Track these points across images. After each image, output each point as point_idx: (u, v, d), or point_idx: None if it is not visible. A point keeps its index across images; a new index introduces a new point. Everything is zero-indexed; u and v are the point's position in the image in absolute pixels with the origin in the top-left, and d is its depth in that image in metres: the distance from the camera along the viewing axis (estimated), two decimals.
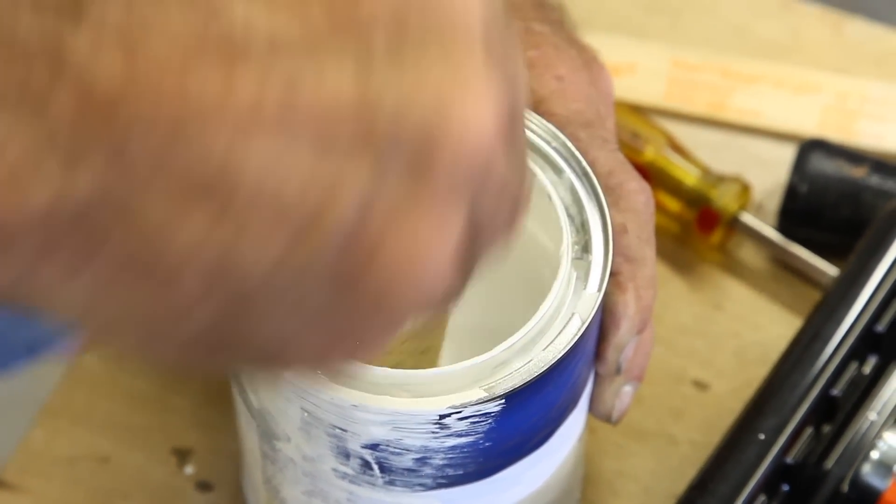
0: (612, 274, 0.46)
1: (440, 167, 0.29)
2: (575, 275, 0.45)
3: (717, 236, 0.60)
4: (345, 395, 0.42)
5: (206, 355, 0.31)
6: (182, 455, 0.56)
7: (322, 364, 0.32)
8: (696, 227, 0.60)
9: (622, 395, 0.48)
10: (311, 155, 0.28)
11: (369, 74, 0.28)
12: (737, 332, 0.60)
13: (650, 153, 0.61)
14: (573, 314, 0.44)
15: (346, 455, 0.44)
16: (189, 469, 0.56)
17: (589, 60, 0.50)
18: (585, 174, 0.46)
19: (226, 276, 0.29)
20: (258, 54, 0.28)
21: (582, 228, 0.46)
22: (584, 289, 0.44)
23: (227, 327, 0.30)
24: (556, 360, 0.43)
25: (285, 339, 0.30)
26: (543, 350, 0.43)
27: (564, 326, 0.44)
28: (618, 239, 0.47)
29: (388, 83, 0.28)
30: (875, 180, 0.60)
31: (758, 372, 0.56)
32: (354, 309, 0.30)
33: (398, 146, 0.28)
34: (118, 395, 0.57)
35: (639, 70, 0.64)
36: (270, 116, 0.28)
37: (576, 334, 0.43)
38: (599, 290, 0.44)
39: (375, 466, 0.44)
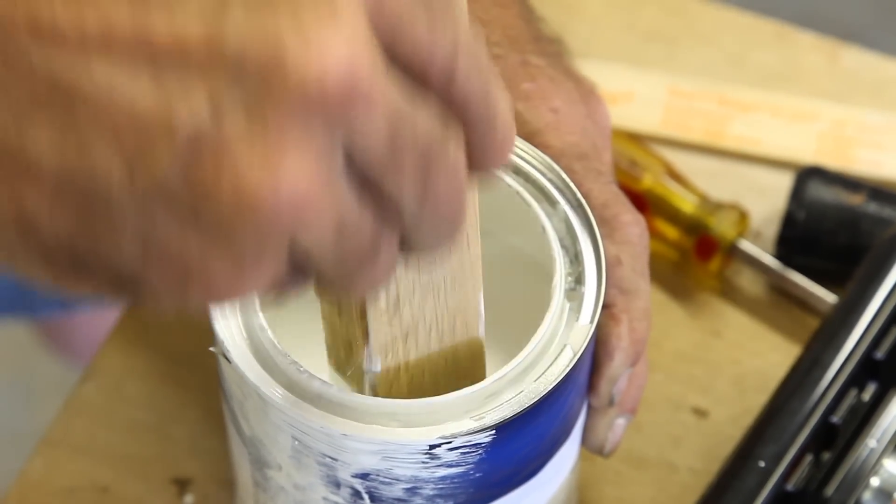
0: (606, 306, 0.47)
1: (280, 99, 0.31)
2: (568, 306, 0.45)
3: (715, 264, 0.60)
4: (334, 423, 0.42)
5: (69, 272, 0.33)
6: (182, 484, 0.57)
7: (186, 295, 0.33)
8: (694, 254, 0.60)
9: (615, 427, 0.48)
10: (152, 81, 0.31)
11: (219, 14, 0.31)
12: (736, 360, 0.60)
13: (648, 181, 0.61)
14: (565, 345, 0.44)
15: (336, 484, 0.44)
16: (188, 498, 0.56)
17: (586, 93, 0.51)
18: (580, 206, 0.46)
19: (75, 185, 0.31)
20: None
21: (576, 260, 0.46)
22: (577, 320, 0.45)
23: (83, 240, 0.32)
24: (547, 391, 0.43)
25: (144, 261, 0.32)
26: (535, 381, 0.43)
27: (556, 358, 0.44)
28: (612, 271, 0.47)
29: (235, 22, 0.31)
30: (872, 207, 0.60)
31: (757, 399, 0.56)
32: (211, 231, 0.32)
33: (240, 80, 0.31)
34: (117, 424, 0.57)
35: (636, 98, 0.64)
36: (118, 42, 0.31)
37: (567, 366, 0.43)
38: (592, 321, 0.44)
39: (366, 496, 0.44)
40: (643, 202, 0.61)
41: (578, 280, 0.45)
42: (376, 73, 0.33)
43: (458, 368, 0.45)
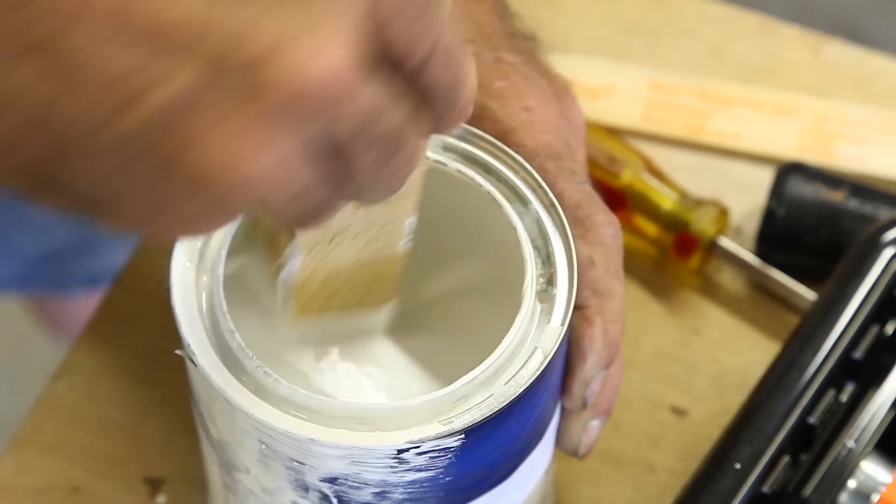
0: (579, 307, 0.46)
1: (268, 94, 0.35)
2: (539, 308, 0.44)
3: (695, 260, 0.60)
4: (301, 428, 0.41)
5: (39, 188, 0.37)
6: (154, 484, 0.56)
7: (150, 227, 0.37)
8: (673, 251, 0.60)
9: (589, 429, 0.48)
10: (145, 51, 0.35)
11: (218, 4, 0.35)
12: (715, 358, 0.59)
13: (627, 177, 0.60)
14: (536, 348, 0.44)
15: (304, 488, 0.44)
16: (161, 499, 0.56)
17: (560, 92, 0.50)
18: (552, 206, 0.46)
19: (47, 123, 0.35)
20: None
21: (547, 261, 0.45)
22: (548, 322, 0.44)
23: (51, 166, 0.36)
24: (517, 394, 0.42)
25: (108, 194, 0.36)
26: (505, 384, 0.43)
27: (527, 360, 0.43)
28: (585, 272, 0.46)
29: (233, 14, 0.35)
30: (853, 204, 0.59)
31: (736, 398, 0.56)
32: (173, 187, 0.36)
33: (230, 68, 0.35)
34: (89, 424, 0.57)
35: (616, 92, 0.63)
36: (98, 13, 0.34)
37: (538, 369, 0.43)
38: (563, 324, 0.44)
39: (335, 500, 0.44)
40: (622, 198, 0.60)
41: (550, 281, 0.45)
42: (359, 75, 0.35)
43: (372, 281, 0.45)
